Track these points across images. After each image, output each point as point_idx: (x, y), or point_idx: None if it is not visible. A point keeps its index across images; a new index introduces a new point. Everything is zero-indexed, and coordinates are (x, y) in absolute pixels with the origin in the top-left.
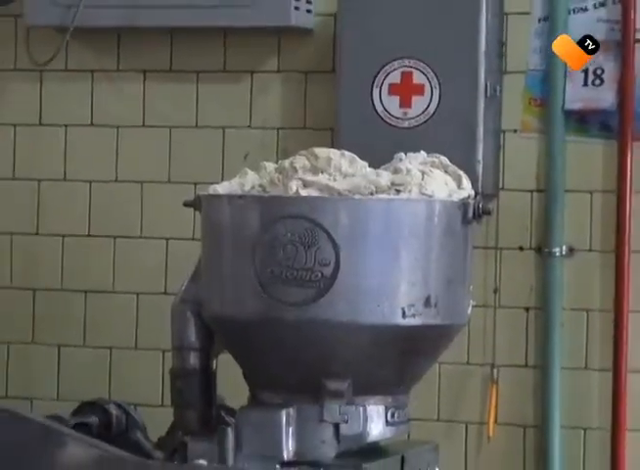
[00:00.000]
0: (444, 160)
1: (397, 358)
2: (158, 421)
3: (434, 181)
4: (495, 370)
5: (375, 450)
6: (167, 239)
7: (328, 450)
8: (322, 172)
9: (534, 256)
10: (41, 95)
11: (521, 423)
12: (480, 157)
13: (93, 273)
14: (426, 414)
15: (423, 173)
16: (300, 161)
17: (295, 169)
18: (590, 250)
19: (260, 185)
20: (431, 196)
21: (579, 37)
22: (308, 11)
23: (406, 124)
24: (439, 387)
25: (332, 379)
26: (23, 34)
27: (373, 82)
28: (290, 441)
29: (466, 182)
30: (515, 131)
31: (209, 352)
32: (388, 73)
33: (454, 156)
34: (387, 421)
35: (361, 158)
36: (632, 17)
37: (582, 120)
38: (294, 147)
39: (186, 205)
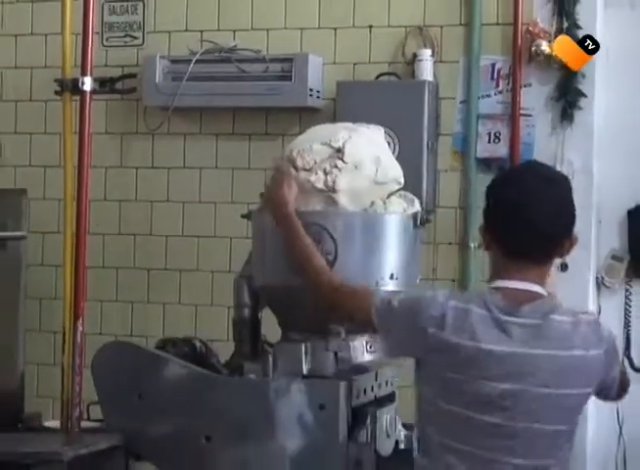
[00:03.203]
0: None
1: None
2: (225, 351)
3: (395, 203)
4: None
5: (359, 368)
6: (231, 238)
7: (330, 368)
8: None
9: (458, 248)
10: (153, 149)
11: None
12: (424, 186)
13: (185, 260)
14: None
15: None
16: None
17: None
18: None
19: None
20: (393, 212)
21: (487, 113)
22: (318, 97)
23: None
24: None
25: (333, 324)
26: (142, 110)
27: None
28: (307, 363)
29: (415, 202)
30: (446, 171)
31: (257, 308)
32: None
33: (408, 187)
34: (366, 350)
35: None
36: (518, 100)
37: (487, 165)
38: None
39: (243, 216)
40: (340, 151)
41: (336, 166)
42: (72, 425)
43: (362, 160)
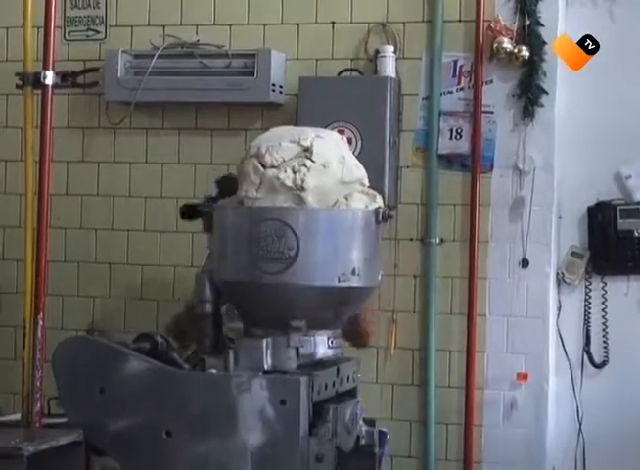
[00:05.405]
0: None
1: (335, 307)
2: None
3: (357, 199)
4: (395, 314)
5: (320, 364)
6: (193, 233)
7: (292, 364)
8: None
9: (419, 244)
10: (115, 144)
11: (410, 347)
12: (386, 183)
13: (147, 255)
14: None
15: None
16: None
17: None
18: (454, 240)
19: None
20: (355, 208)
21: (448, 110)
22: (280, 92)
23: None
24: None
25: (294, 320)
26: (104, 105)
27: None
28: (268, 358)
29: (377, 198)
30: (407, 167)
31: (219, 303)
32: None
33: (371, 183)
34: (328, 346)
35: None
36: (479, 97)
37: (449, 161)
38: None
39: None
40: (308, 150)
41: (304, 165)
42: (33, 420)
43: (329, 160)
